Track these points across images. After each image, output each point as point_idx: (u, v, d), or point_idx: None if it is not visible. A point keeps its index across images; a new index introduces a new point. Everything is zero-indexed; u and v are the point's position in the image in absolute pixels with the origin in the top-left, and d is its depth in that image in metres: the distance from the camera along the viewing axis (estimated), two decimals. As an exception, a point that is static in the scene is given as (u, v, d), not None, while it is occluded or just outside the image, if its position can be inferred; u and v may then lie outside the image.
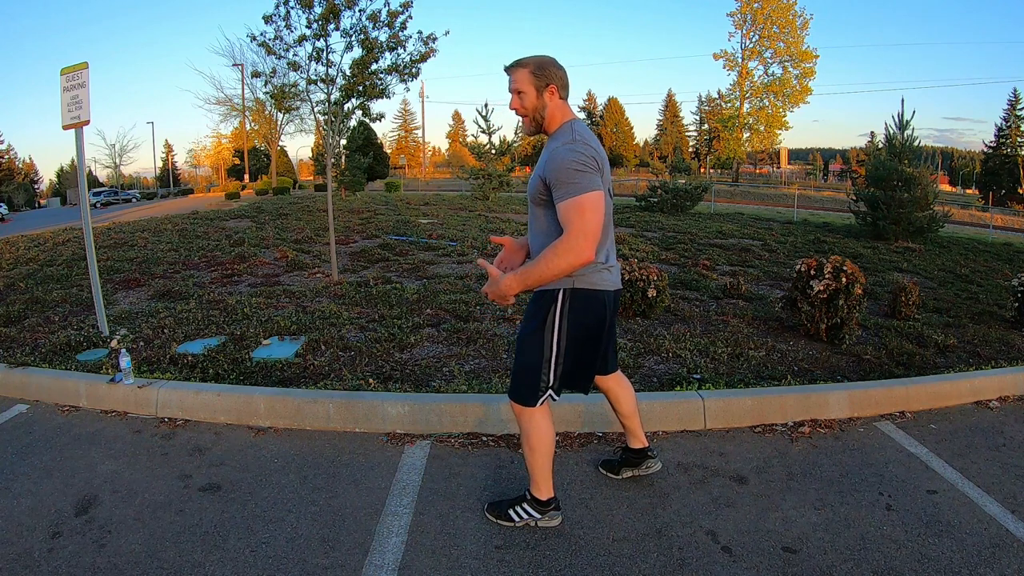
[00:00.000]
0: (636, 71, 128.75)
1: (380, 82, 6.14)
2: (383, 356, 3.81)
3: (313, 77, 6.15)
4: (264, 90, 8.14)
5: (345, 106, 6.27)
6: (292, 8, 5.80)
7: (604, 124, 67.27)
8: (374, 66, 6.04)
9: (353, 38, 5.99)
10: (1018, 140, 44.58)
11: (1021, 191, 41.45)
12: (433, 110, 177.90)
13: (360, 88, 6.11)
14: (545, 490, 2.17)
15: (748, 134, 48.66)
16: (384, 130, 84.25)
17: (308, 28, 5.85)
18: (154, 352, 3.86)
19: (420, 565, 2.01)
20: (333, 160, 7.07)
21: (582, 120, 2.04)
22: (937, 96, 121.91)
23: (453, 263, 7.52)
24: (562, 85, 2.00)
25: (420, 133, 71.12)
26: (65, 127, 4.19)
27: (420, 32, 6.03)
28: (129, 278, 6.47)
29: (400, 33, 5.96)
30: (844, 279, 4.08)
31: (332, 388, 3.24)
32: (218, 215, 14.48)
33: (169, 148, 65.51)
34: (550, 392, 2.06)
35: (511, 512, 2.20)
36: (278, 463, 2.69)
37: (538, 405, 2.07)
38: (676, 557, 2.05)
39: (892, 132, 13.15)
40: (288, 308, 5.01)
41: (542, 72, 1.96)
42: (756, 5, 45.52)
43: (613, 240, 2.12)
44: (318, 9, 5.76)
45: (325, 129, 6.45)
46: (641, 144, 73.70)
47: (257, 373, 3.53)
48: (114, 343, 3.81)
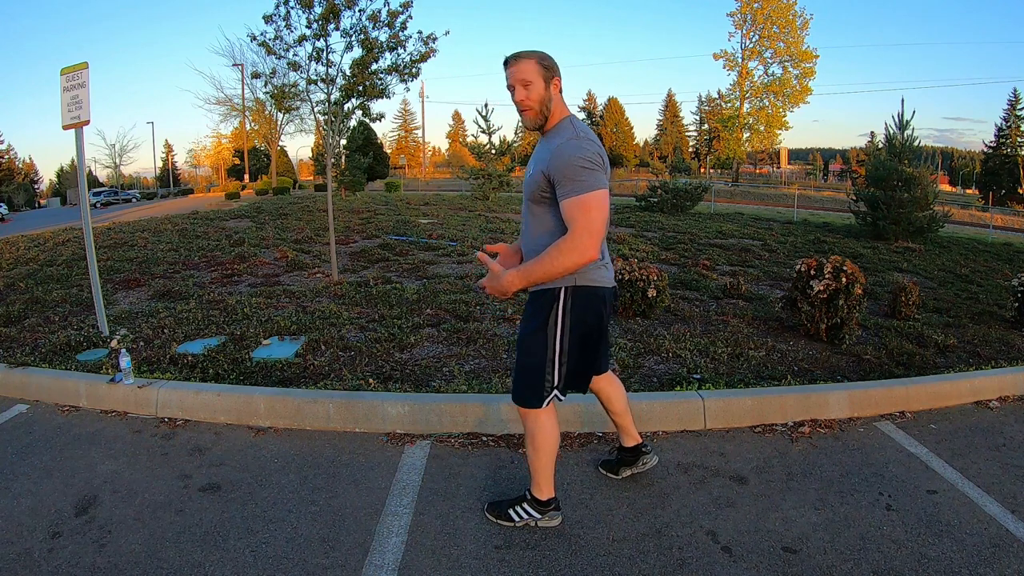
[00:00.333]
0: (636, 71, 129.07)
1: (380, 82, 6.14)
2: (383, 356, 3.81)
3: (313, 77, 6.16)
4: (264, 90, 8.17)
5: (345, 106, 6.27)
6: (292, 8, 5.80)
7: (604, 124, 67.20)
8: (374, 66, 6.04)
9: (353, 38, 6.00)
10: (1018, 140, 44.57)
11: (1021, 191, 41.45)
12: (433, 110, 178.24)
13: (360, 88, 6.12)
14: (546, 490, 2.17)
15: (748, 134, 48.63)
16: (384, 130, 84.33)
17: (308, 28, 5.86)
18: (154, 352, 3.86)
19: (420, 565, 2.01)
20: (333, 160, 7.07)
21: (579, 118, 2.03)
22: (937, 96, 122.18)
23: (453, 263, 7.52)
24: (561, 79, 1.98)
25: (420, 133, 71.20)
26: (65, 127, 4.19)
27: (420, 32, 6.04)
28: (129, 278, 6.47)
29: (400, 33, 5.96)
30: (844, 279, 4.09)
31: (332, 388, 3.24)
32: (218, 215, 14.48)
33: (169, 148, 65.59)
34: (555, 393, 2.03)
35: (511, 512, 2.20)
36: (278, 463, 2.69)
37: (544, 406, 2.04)
38: (676, 557, 2.05)
39: (892, 132, 13.16)
40: (288, 308, 5.02)
41: (548, 64, 1.93)
42: (756, 5, 45.49)
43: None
44: (318, 9, 5.76)
45: (325, 129, 6.45)
46: (641, 144, 73.70)
47: (257, 373, 3.53)
48: (114, 343, 3.81)
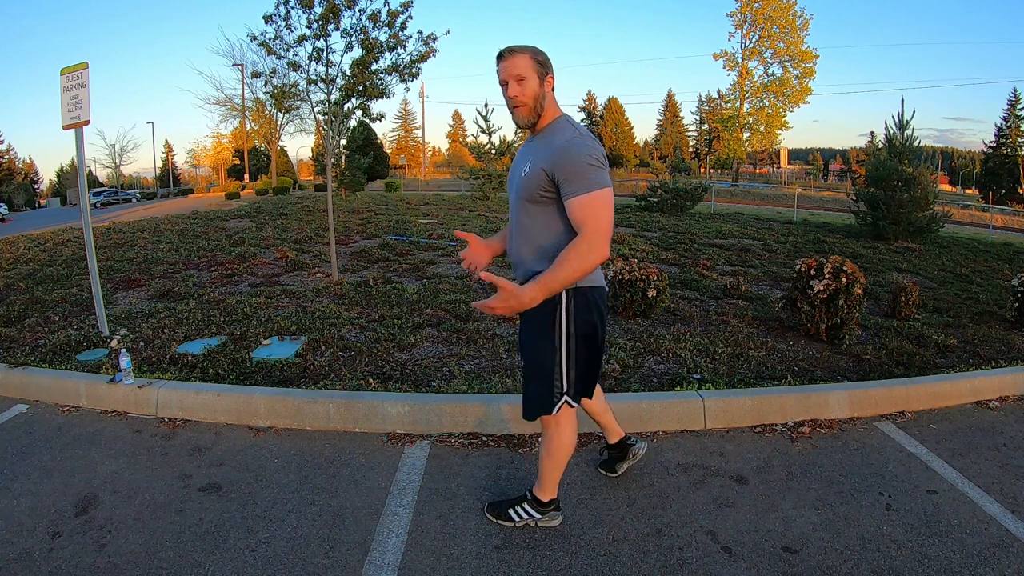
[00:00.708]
0: (636, 71, 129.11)
1: (380, 82, 6.14)
2: (383, 356, 3.81)
3: (313, 77, 6.15)
4: (264, 90, 8.16)
5: (345, 106, 6.27)
6: (292, 8, 5.80)
7: (604, 124, 67.19)
8: (374, 66, 6.04)
9: (353, 38, 5.99)
10: (1018, 140, 44.56)
11: (1021, 191, 41.44)
12: (433, 110, 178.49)
13: (360, 88, 6.11)
14: (549, 493, 2.17)
15: (748, 134, 48.56)
16: (384, 130, 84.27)
17: (308, 28, 5.85)
18: (154, 352, 3.86)
19: (420, 565, 2.01)
20: (333, 160, 7.07)
21: (578, 120, 2.01)
22: (937, 96, 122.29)
23: (453, 263, 7.51)
24: (554, 78, 1.91)
25: (420, 133, 71.18)
26: (65, 127, 4.19)
27: (420, 32, 6.04)
28: (129, 278, 6.47)
29: (400, 33, 5.96)
30: (844, 279, 4.09)
31: (332, 388, 3.24)
32: (218, 215, 14.48)
33: (169, 148, 65.56)
34: (565, 399, 1.97)
35: (511, 512, 2.20)
36: (278, 463, 2.69)
37: (555, 412, 1.98)
38: (676, 557, 2.05)
39: (892, 132, 13.16)
40: (288, 308, 5.01)
41: (543, 59, 1.87)
42: (756, 5, 45.43)
43: None
44: (318, 9, 5.76)
45: (325, 129, 6.45)
46: (641, 144, 73.67)
47: (257, 373, 3.53)
48: (114, 343, 3.81)
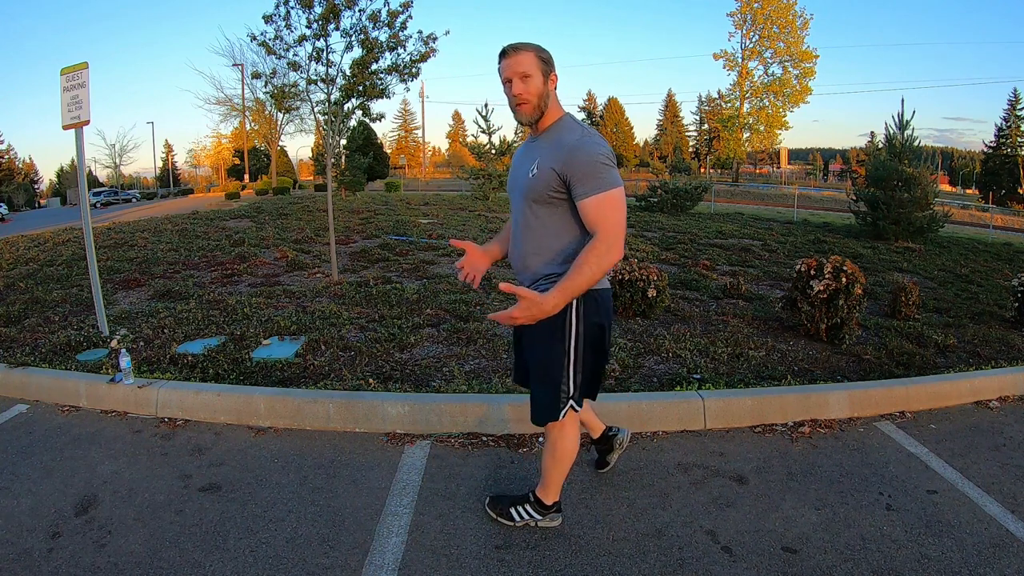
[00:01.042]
0: (636, 71, 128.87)
1: (380, 82, 6.14)
2: (383, 356, 3.81)
3: (313, 77, 6.15)
4: (264, 90, 8.16)
5: (345, 106, 6.26)
6: (292, 8, 5.80)
7: (604, 124, 67.14)
8: (374, 66, 6.04)
9: (353, 38, 5.99)
10: (1018, 140, 44.53)
11: (1021, 191, 41.43)
12: (433, 110, 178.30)
13: (360, 88, 6.11)
14: (552, 496, 2.17)
15: (748, 134, 48.59)
16: (384, 130, 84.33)
17: (308, 28, 5.85)
18: (154, 352, 3.86)
19: (420, 565, 2.01)
20: (333, 160, 7.07)
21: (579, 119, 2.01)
22: (937, 96, 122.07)
23: (453, 263, 7.52)
24: (557, 77, 1.90)
25: (420, 133, 71.12)
26: (65, 127, 4.19)
27: (420, 32, 6.03)
28: (129, 278, 6.47)
29: (400, 33, 5.96)
30: (844, 279, 4.09)
31: (332, 388, 3.24)
32: (218, 215, 14.48)
33: (169, 148, 65.57)
34: (571, 403, 1.96)
35: (512, 511, 2.20)
36: (278, 463, 2.69)
37: (561, 417, 1.96)
38: (676, 557, 2.05)
39: (892, 132, 13.16)
40: (288, 308, 5.01)
41: (546, 57, 1.86)
42: (756, 5, 45.47)
43: None
44: (318, 9, 5.76)
45: (325, 129, 6.45)
46: (641, 144, 73.67)
47: (257, 373, 3.53)
48: (114, 343, 3.81)
